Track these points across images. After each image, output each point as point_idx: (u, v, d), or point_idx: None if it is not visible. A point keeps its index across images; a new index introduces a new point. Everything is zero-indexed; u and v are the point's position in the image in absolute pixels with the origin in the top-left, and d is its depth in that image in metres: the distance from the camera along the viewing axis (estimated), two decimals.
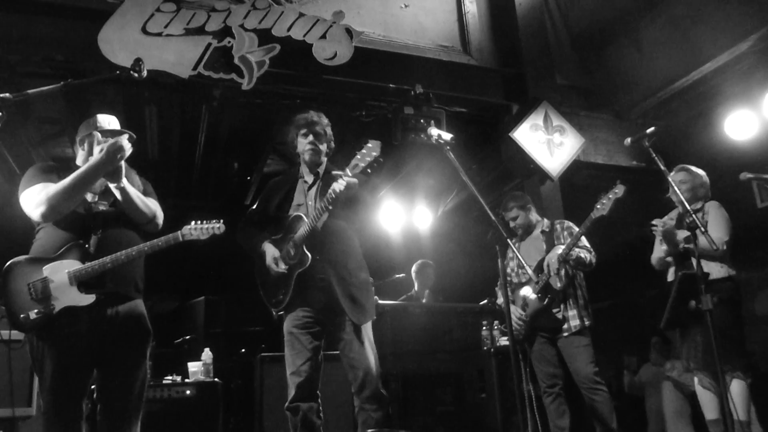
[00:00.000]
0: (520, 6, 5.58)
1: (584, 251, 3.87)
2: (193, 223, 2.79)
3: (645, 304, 4.00)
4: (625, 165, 5.40)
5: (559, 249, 3.88)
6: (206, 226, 2.78)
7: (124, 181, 2.66)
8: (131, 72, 2.31)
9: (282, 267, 3.01)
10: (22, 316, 2.47)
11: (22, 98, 1.98)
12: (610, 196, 3.66)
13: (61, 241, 2.59)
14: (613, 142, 5.54)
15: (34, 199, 2.57)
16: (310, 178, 3.22)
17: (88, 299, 2.53)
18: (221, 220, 2.82)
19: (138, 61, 2.30)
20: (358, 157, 2.80)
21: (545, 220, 4.27)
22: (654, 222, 3.70)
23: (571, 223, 4.18)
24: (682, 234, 3.60)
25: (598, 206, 3.68)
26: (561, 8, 5.81)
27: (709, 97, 5.12)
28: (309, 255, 2.98)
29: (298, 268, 3.00)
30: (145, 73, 2.33)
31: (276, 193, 3.25)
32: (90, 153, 2.75)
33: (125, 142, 2.59)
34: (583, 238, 3.89)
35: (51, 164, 2.80)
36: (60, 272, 2.52)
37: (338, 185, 2.78)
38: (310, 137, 3.17)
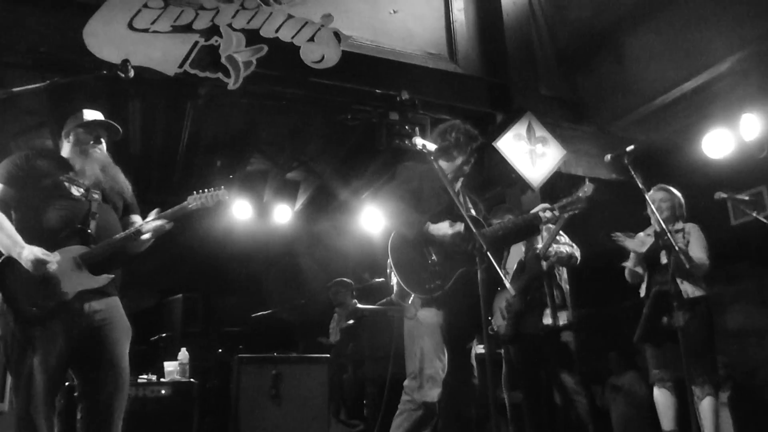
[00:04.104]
0: (507, 17, 5.64)
1: (565, 246, 3.91)
2: (195, 192, 2.80)
3: (622, 314, 4.08)
4: (606, 178, 5.47)
5: (538, 248, 3.92)
6: (212, 193, 2.79)
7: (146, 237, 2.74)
8: (118, 72, 2.31)
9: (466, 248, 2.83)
10: (35, 309, 2.44)
11: (6, 96, 1.96)
12: (580, 194, 3.69)
13: (57, 227, 2.58)
14: (594, 154, 5.61)
15: None
16: (456, 186, 3.21)
17: (102, 280, 2.57)
18: (222, 187, 2.82)
19: (125, 62, 2.29)
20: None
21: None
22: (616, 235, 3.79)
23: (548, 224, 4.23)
24: (645, 238, 3.73)
25: (566, 199, 3.72)
26: (547, 21, 5.89)
27: (688, 114, 5.22)
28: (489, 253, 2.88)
29: (467, 265, 2.86)
30: (131, 74, 2.33)
31: (430, 182, 3.08)
32: (79, 145, 2.74)
33: (51, 266, 2.48)
34: (564, 235, 3.93)
35: (27, 158, 2.71)
36: (65, 260, 2.51)
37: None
38: (475, 156, 3.23)
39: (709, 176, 4.97)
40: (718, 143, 4.99)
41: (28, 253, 2.43)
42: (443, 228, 2.89)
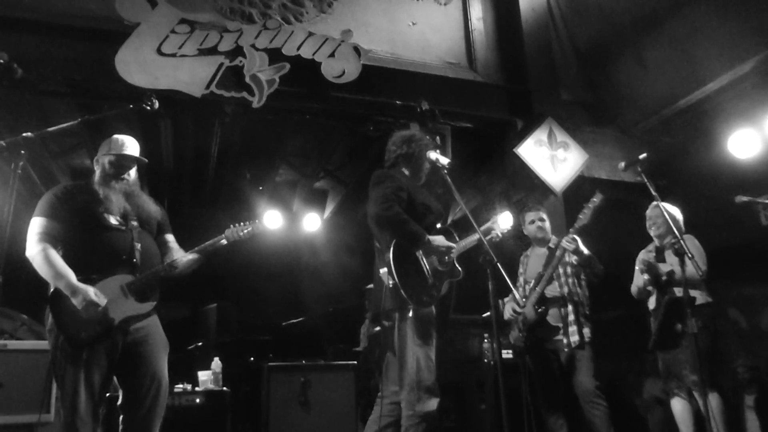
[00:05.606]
0: (526, 23, 5.67)
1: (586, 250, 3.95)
2: (232, 226, 3.01)
3: (645, 318, 4.08)
4: (629, 180, 5.45)
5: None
6: (247, 227, 3.02)
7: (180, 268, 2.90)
8: (144, 106, 2.46)
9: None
10: (83, 334, 2.61)
11: (44, 135, 2.12)
12: (590, 205, 3.84)
13: (104, 259, 2.74)
14: (617, 157, 5.56)
15: (29, 237, 2.72)
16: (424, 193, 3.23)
17: (147, 307, 2.76)
18: (257, 220, 3.05)
19: (150, 96, 2.45)
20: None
21: (554, 237, 4.33)
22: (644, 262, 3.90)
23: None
24: (665, 267, 3.77)
25: (581, 216, 3.86)
26: (567, 26, 5.89)
27: (712, 115, 5.17)
28: (461, 271, 3.04)
29: (448, 277, 3.02)
30: (156, 106, 2.48)
31: (417, 194, 3.12)
32: (103, 175, 2.90)
33: (99, 303, 2.62)
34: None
35: (66, 191, 2.86)
36: (113, 288, 2.69)
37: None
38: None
39: (736, 176, 4.91)
40: (744, 143, 4.92)
41: (81, 300, 2.59)
42: (439, 240, 2.98)
